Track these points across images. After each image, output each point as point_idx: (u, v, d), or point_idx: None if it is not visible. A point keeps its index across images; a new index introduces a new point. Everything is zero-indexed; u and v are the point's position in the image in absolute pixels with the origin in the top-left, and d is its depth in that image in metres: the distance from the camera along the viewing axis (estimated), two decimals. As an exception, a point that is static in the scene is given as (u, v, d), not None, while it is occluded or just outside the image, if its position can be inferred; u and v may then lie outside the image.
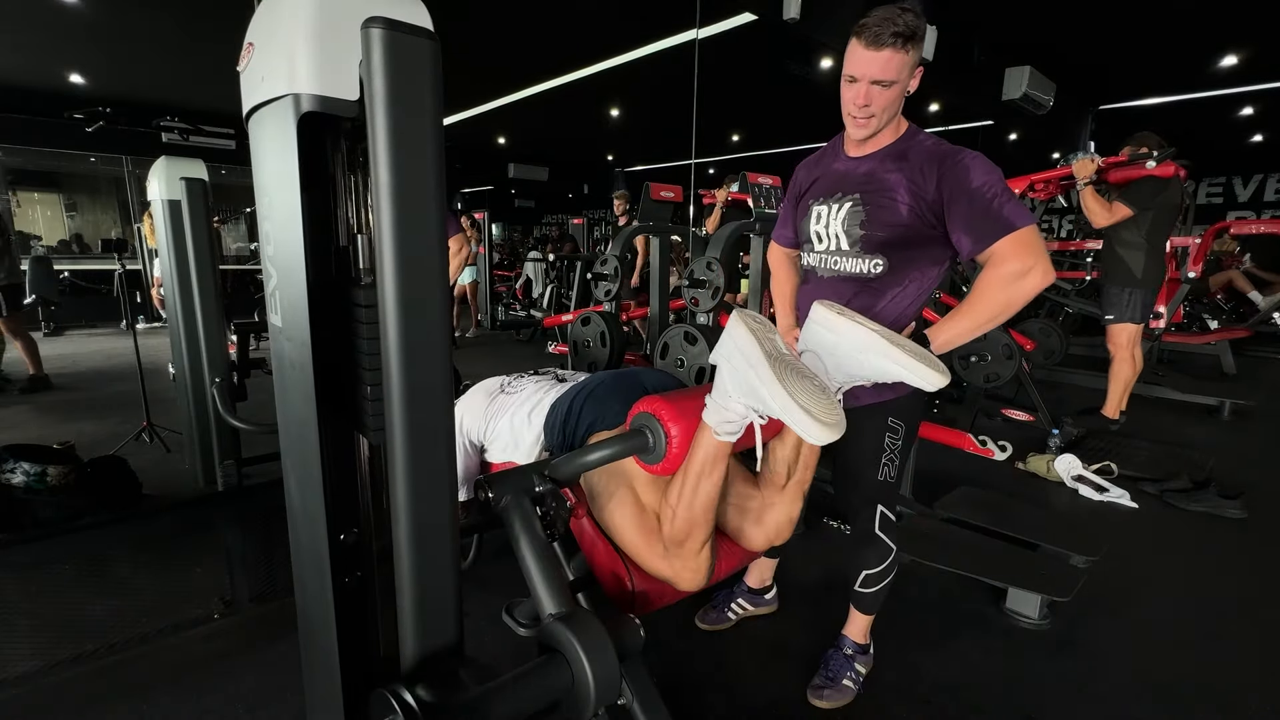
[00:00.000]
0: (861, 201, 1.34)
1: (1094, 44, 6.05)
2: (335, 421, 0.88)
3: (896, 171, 1.30)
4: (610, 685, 0.95)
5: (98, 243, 8.42)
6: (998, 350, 3.18)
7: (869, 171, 1.35)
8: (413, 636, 0.86)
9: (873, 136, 1.33)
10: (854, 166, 1.38)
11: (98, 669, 1.62)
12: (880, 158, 1.34)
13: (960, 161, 1.24)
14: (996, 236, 1.18)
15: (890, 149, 1.34)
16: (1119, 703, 1.60)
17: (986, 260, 1.22)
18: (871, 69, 1.23)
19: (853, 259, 1.38)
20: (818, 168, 1.48)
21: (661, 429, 1.13)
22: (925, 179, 1.26)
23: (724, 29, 5.40)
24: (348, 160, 0.88)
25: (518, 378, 1.68)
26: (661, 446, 1.13)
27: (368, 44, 0.69)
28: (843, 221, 1.37)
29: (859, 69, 1.24)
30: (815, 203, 1.44)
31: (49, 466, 2.30)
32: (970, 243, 1.22)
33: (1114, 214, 3.26)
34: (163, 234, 2.57)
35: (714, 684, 1.65)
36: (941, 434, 2.66)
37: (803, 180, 1.51)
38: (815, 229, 1.44)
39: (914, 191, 1.28)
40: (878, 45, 1.21)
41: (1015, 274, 1.18)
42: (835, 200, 1.39)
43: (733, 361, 1.06)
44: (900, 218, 1.29)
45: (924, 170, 1.27)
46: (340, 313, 0.88)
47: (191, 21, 5.43)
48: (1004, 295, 1.20)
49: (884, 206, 1.31)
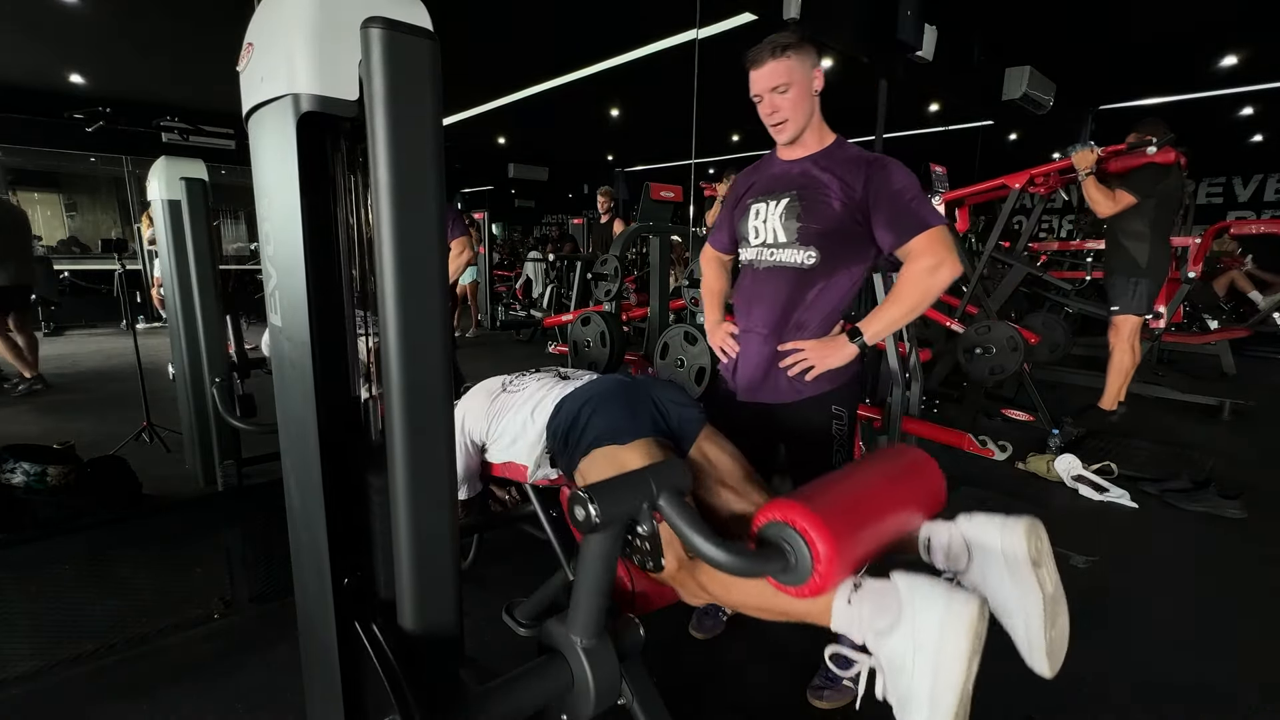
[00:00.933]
0: (798, 197, 1.46)
1: (1094, 44, 6.05)
2: (335, 421, 0.88)
3: (828, 172, 1.44)
4: (610, 685, 0.95)
5: (97, 243, 8.41)
6: (1003, 343, 3.18)
7: (803, 171, 1.48)
8: (413, 637, 0.86)
9: (798, 139, 1.47)
10: (789, 168, 1.51)
11: (98, 669, 1.62)
12: (812, 160, 1.48)
13: (884, 166, 1.40)
14: (913, 233, 1.34)
15: (821, 153, 1.48)
16: (1119, 703, 1.60)
17: (905, 255, 1.38)
18: (763, 82, 1.41)
19: (789, 250, 1.48)
20: (755, 174, 1.60)
21: (809, 553, 0.88)
22: (854, 179, 1.40)
23: (724, 29, 5.40)
24: (347, 160, 0.88)
25: (519, 376, 1.66)
26: (805, 568, 0.88)
27: (367, 44, 0.69)
28: (780, 215, 1.48)
29: (756, 87, 1.43)
30: (754, 201, 1.55)
31: (49, 466, 2.30)
32: (892, 238, 1.38)
33: (1118, 202, 3.25)
34: (163, 234, 2.57)
35: (714, 684, 1.65)
36: (941, 434, 2.66)
37: (741, 186, 1.62)
38: (754, 224, 1.54)
39: (845, 190, 1.41)
40: (759, 63, 1.40)
41: (930, 268, 1.34)
42: (773, 197, 1.50)
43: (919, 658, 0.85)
44: (834, 212, 1.42)
45: (853, 172, 1.41)
46: (340, 311, 0.88)
47: (191, 21, 5.43)
48: (922, 287, 1.36)
49: (819, 202, 1.43)
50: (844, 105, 8.76)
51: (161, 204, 2.52)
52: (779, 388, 1.51)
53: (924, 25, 4.42)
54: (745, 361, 1.56)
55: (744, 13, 4.95)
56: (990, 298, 3.83)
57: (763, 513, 0.93)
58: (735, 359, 1.59)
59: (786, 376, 1.48)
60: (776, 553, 0.89)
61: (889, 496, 1.02)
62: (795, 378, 1.48)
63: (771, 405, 1.53)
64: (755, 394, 1.54)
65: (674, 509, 0.90)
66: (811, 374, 1.46)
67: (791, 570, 0.88)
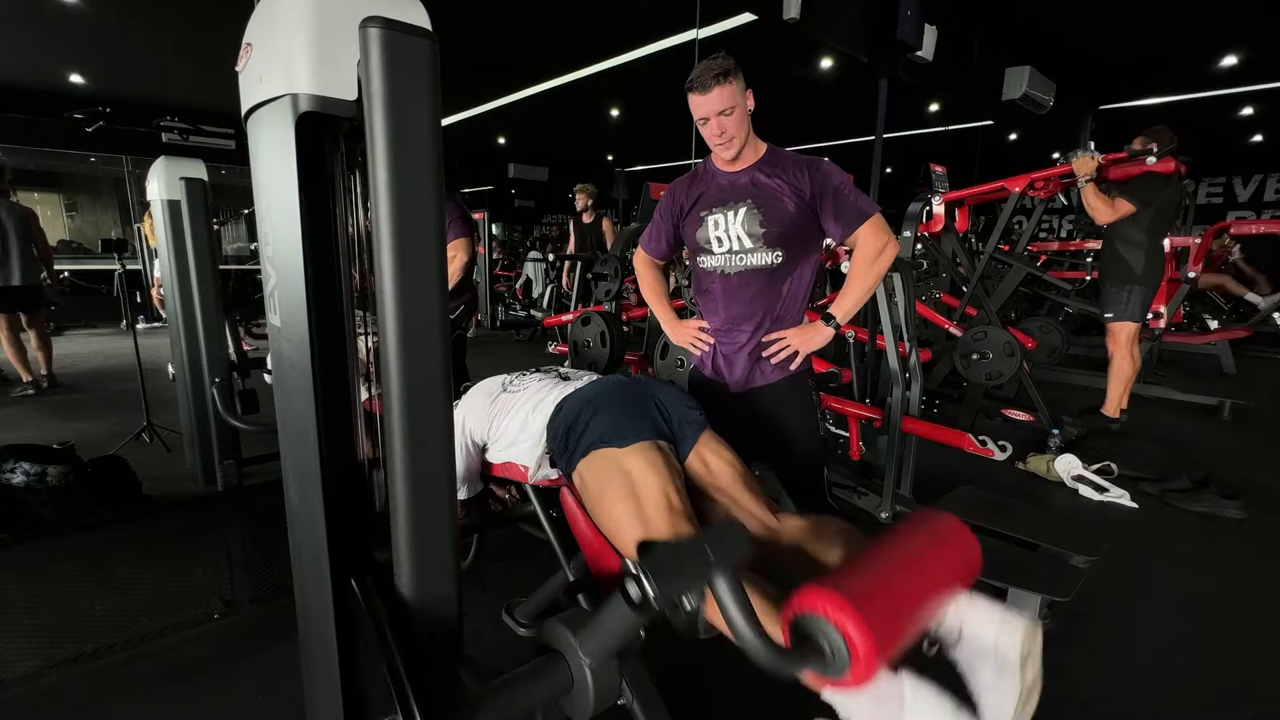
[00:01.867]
0: (755, 205, 1.58)
1: (1094, 44, 6.05)
2: (335, 421, 0.88)
3: (776, 178, 1.57)
4: (610, 685, 0.95)
5: (97, 243, 8.42)
6: (999, 348, 3.18)
7: (751, 181, 1.60)
8: (413, 636, 0.86)
9: (740, 154, 1.59)
10: (735, 179, 1.62)
11: (98, 669, 1.62)
12: (756, 169, 1.60)
13: (822, 167, 1.57)
14: (858, 223, 1.54)
15: (762, 161, 1.61)
16: (1119, 703, 1.60)
17: (853, 243, 1.58)
18: (710, 106, 1.51)
19: (757, 254, 1.60)
20: (697, 185, 1.70)
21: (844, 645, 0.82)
22: (801, 180, 1.56)
23: (724, 29, 5.40)
24: (346, 160, 0.88)
25: (520, 376, 1.66)
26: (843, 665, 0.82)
27: (366, 44, 0.69)
28: (742, 223, 1.59)
29: (703, 111, 1.53)
30: (708, 213, 1.65)
31: (49, 466, 2.30)
32: (840, 230, 1.56)
33: (1116, 210, 3.25)
34: (163, 234, 2.57)
35: (714, 684, 1.65)
36: (941, 434, 2.66)
37: (682, 197, 1.72)
38: (715, 234, 1.64)
39: (796, 191, 1.56)
40: (705, 89, 1.50)
41: (876, 251, 1.56)
42: (728, 207, 1.61)
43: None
44: (790, 214, 1.56)
45: (798, 174, 1.56)
46: (340, 311, 0.88)
47: (191, 21, 5.43)
48: (875, 268, 1.57)
49: (776, 206, 1.56)
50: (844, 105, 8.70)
51: (161, 204, 2.52)
52: (765, 373, 1.68)
53: (924, 25, 4.42)
54: (734, 358, 1.69)
55: (744, 13, 4.95)
56: (990, 298, 3.82)
57: (797, 600, 0.87)
58: (712, 353, 1.73)
59: (770, 363, 1.65)
60: (813, 649, 0.84)
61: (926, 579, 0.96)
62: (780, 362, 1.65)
63: (760, 388, 1.70)
64: (748, 384, 1.70)
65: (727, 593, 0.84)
66: (798, 359, 1.65)
67: (829, 666, 0.83)
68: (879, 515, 2.44)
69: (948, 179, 4.02)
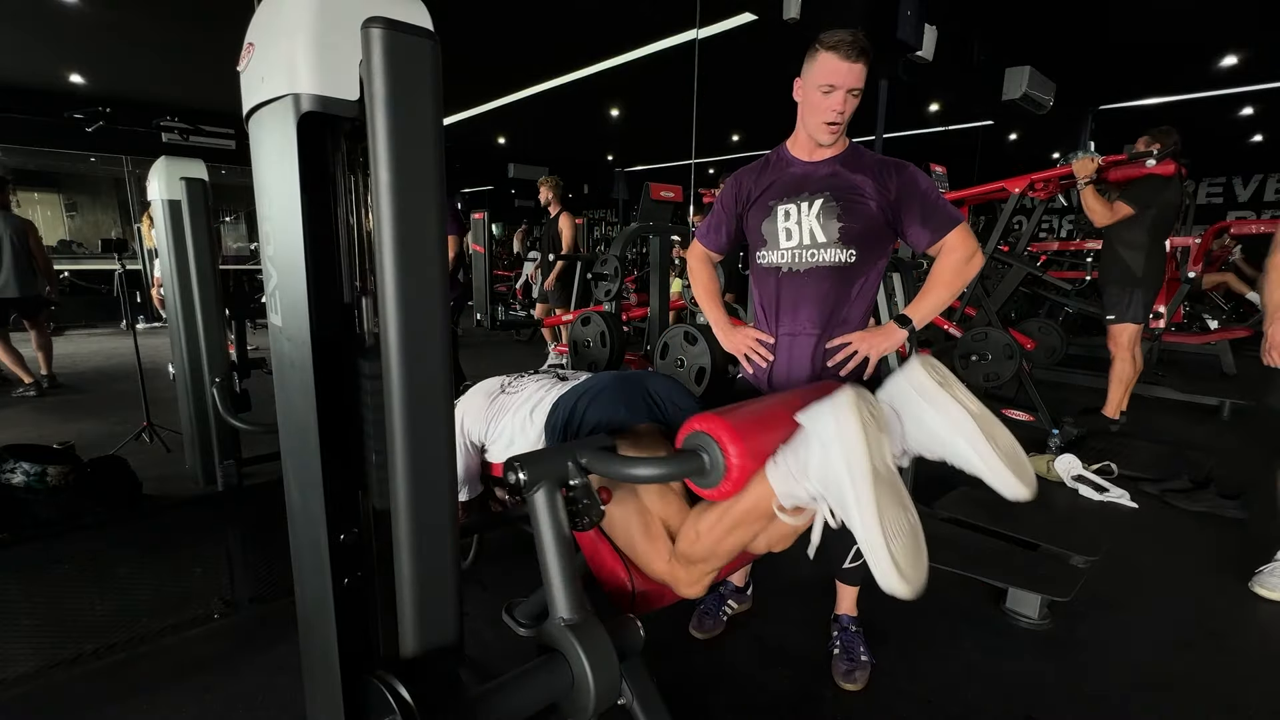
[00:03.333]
0: (834, 199, 1.47)
1: (1094, 44, 6.05)
2: (335, 421, 0.88)
3: (859, 174, 1.47)
4: (610, 685, 0.95)
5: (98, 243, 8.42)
6: (999, 350, 3.18)
7: (831, 173, 1.49)
8: (413, 636, 0.86)
9: (835, 143, 1.49)
10: (813, 170, 1.51)
11: (98, 669, 1.62)
12: (838, 162, 1.50)
13: (909, 169, 1.48)
14: (947, 230, 1.45)
15: (844, 155, 1.50)
16: (1119, 703, 1.60)
17: (939, 249, 1.48)
18: (849, 79, 1.38)
19: (829, 250, 1.49)
20: (768, 173, 1.58)
21: (720, 452, 0.99)
22: (887, 180, 1.46)
23: (724, 29, 5.40)
24: (348, 160, 0.88)
25: (518, 377, 1.67)
26: (719, 471, 0.99)
27: (368, 44, 0.69)
28: (818, 217, 1.48)
29: (838, 79, 1.38)
30: (779, 203, 1.53)
31: (49, 466, 2.30)
32: (928, 235, 1.46)
33: (1115, 213, 3.25)
34: (163, 234, 2.57)
35: (714, 684, 1.65)
36: (941, 434, 2.65)
37: (750, 185, 1.60)
38: (785, 226, 1.52)
39: (880, 191, 1.46)
40: (852, 58, 1.36)
41: (966, 258, 1.46)
42: (803, 199, 1.50)
43: (829, 452, 0.95)
44: (871, 213, 1.46)
45: (884, 174, 1.46)
46: (340, 311, 0.88)
47: (191, 21, 5.43)
48: (961, 275, 1.48)
49: (856, 203, 1.46)
50: (844, 105, 8.64)
51: (161, 204, 2.52)
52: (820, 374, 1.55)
53: (924, 25, 4.42)
54: (795, 365, 1.55)
55: (744, 13, 4.95)
56: (989, 299, 3.82)
57: (684, 428, 1.04)
58: (771, 363, 1.57)
59: (836, 371, 1.52)
60: (694, 456, 1.00)
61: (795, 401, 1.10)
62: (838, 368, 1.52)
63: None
64: None
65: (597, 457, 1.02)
66: (870, 366, 1.53)
67: (709, 470, 1.00)
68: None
69: (948, 179, 4.02)
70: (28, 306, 4.37)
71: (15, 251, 4.22)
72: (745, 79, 6.98)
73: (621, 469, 1.02)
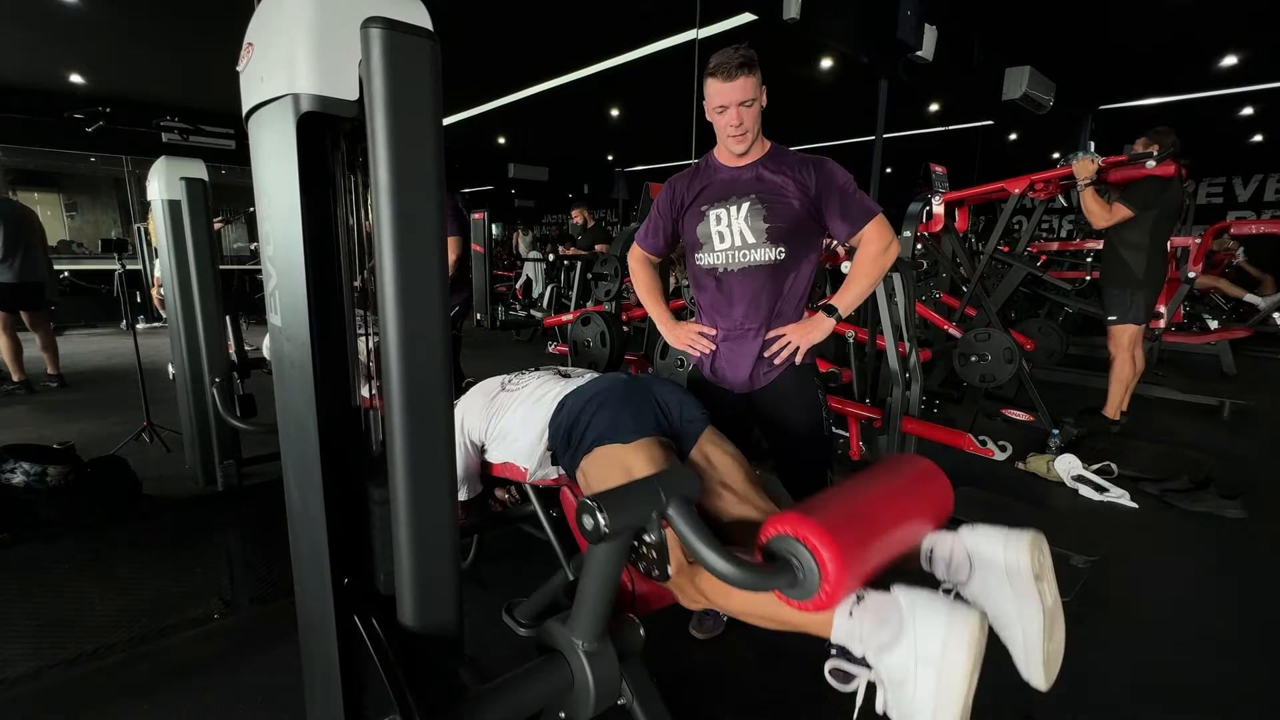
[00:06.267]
0: (759, 201, 1.56)
1: (1094, 44, 6.05)
2: (335, 421, 0.88)
3: (780, 174, 1.56)
4: (610, 685, 0.95)
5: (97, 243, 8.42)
6: (999, 352, 3.18)
7: (755, 176, 1.58)
8: (413, 636, 0.86)
9: (749, 150, 1.57)
10: (738, 174, 1.60)
11: (98, 669, 1.62)
12: (760, 165, 1.58)
13: (826, 165, 1.57)
14: (864, 222, 1.55)
15: (766, 158, 1.59)
16: (1119, 703, 1.60)
17: (859, 241, 1.58)
18: (735, 94, 1.48)
19: (760, 250, 1.58)
20: (698, 180, 1.67)
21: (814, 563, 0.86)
22: (807, 178, 1.55)
23: (724, 29, 5.40)
24: (347, 160, 0.88)
25: (519, 375, 1.66)
26: (813, 583, 0.87)
27: (367, 44, 0.69)
28: (746, 219, 1.58)
29: (724, 99, 1.49)
30: (710, 207, 1.62)
31: (49, 466, 2.30)
32: (847, 228, 1.56)
33: (1114, 215, 3.25)
34: (163, 234, 2.57)
35: (714, 684, 1.65)
36: (941, 434, 2.66)
37: (683, 192, 1.68)
38: (717, 229, 1.62)
39: (801, 189, 1.55)
40: (730, 77, 1.46)
41: (881, 249, 1.57)
42: (732, 203, 1.59)
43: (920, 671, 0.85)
44: (795, 211, 1.55)
45: (804, 172, 1.55)
46: (340, 311, 0.88)
47: (191, 21, 5.43)
48: (878, 265, 1.58)
49: (780, 203, 1.55)
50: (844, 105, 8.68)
51: (161, 204, 2.52)
52: (767, 371, 1.66)
53: (924, 25, 4.42)
54: (738, 359, 1.67)
55: (744, 13, 4.95)
56: (990, 299, 3.82)
57: (769, 525, 0.91)
58: (714, 354, 1.70)
59: (772, 361, 1.63)
60: (784, 567, 0.87)
61: (896, 508, 1.00)
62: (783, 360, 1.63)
63: (764, 388, 1.68)
64: (752, 384, 1.68)
65: (682, 518, 0.89)
66: (800, 354, 1.62)
67: (799, 585, 0.87)
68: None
69: (948, 179, 4.02)
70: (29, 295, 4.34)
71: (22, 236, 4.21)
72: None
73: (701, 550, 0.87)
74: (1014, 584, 0.94)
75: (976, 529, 0.99)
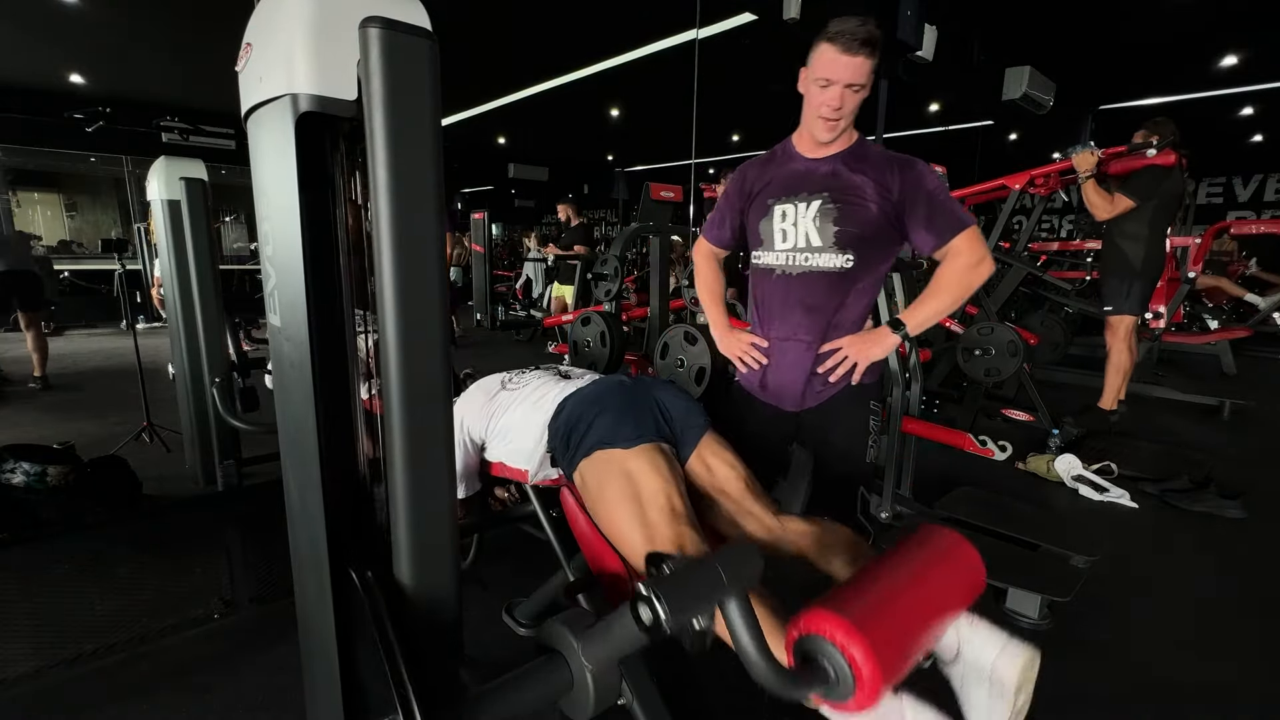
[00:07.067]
0: (831, 200, 1.39)
1: (1094, 44, 6.05)
2: (335, 421, 0.88)
3: (861, 173, 1.38)
4: (610, 685, 0.95)
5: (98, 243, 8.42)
6: (1003, 346, 3.17)
7: (833, 172, 1.41)
8: (413, 635, 0.86)
9: (835, 139, 1.40)
10: (815, 167, 1.43)
11: (98, 669, 1.62)
12: (841, 159, 1.41)
13: (916, 167, 1.38)
14: (954, 233, 1.35)
15: (849, 152, 1.42)
16: (1118, 703, 1.60)
17: (945, 253, 1.38)
18: (846, 74, 1.29)
19: (825, 254, 1.42)
20: (770, 168, 1.50)
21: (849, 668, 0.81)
22: (890, 180, 1.37)
23: (724, 29, 5.40)
24: (346, 160, 0.88)
25: (519, 374, 1.66)
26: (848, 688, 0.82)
27: (366, 44, 0.69)
28: (814, 219, 1.41)
29: (834, 73, 1.30)
30: (777, 201, 1.46)
31: (49, 466, 2.30)
32: (933, 239, 1.37)
33: (1116, 206, 3.25)
34: (162, 234, 2.57)
35: (714, 684, 1.65)
36: (941, 434, 2.66)
37: (753, 180, 1.53)
38: (781, 227, 1.46)
39: (881, 192, 1.37)
40: (852, 52, 1.27)
41: (972, 264, 1.36)
42: (800, 199, 1.43)
43: None
44: (871, 215, 1.38)
45: (888, 172, 1.37)
46: (340, 312, 0.88)
47: (191, 21, 5.43)
48: (965, 281, 1.38)
49: (855, 205, 1.38)
50: (844, 105, 8.65)
51: (161, 204, 2.52)
52: (819, 388, 1.49)
53: (924, 25, 4.41)
54: (786, 371, 1.50)
55: (744, 13, 4.95)
56: (990, 297, 3.82)
57: (800, 623, 0.86)
58: (764, 368, 1.54)
59: (825, 378, 1.46)
60: (818, 672, 0.84)
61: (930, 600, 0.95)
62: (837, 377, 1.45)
63: (813, 407, 1.51)
64: (802, 402, 1.51)
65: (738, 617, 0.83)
66: (857, 372, 1.44)
67: (834, 689, 0.83)
68: (879, 515, 2.44)
69: (948, 179, 4.02)
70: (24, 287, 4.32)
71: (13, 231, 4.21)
72: (745, 79, 6.99)
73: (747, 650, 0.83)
74: (991, 691, 0.94)
75: (978, 626, 0.96)
